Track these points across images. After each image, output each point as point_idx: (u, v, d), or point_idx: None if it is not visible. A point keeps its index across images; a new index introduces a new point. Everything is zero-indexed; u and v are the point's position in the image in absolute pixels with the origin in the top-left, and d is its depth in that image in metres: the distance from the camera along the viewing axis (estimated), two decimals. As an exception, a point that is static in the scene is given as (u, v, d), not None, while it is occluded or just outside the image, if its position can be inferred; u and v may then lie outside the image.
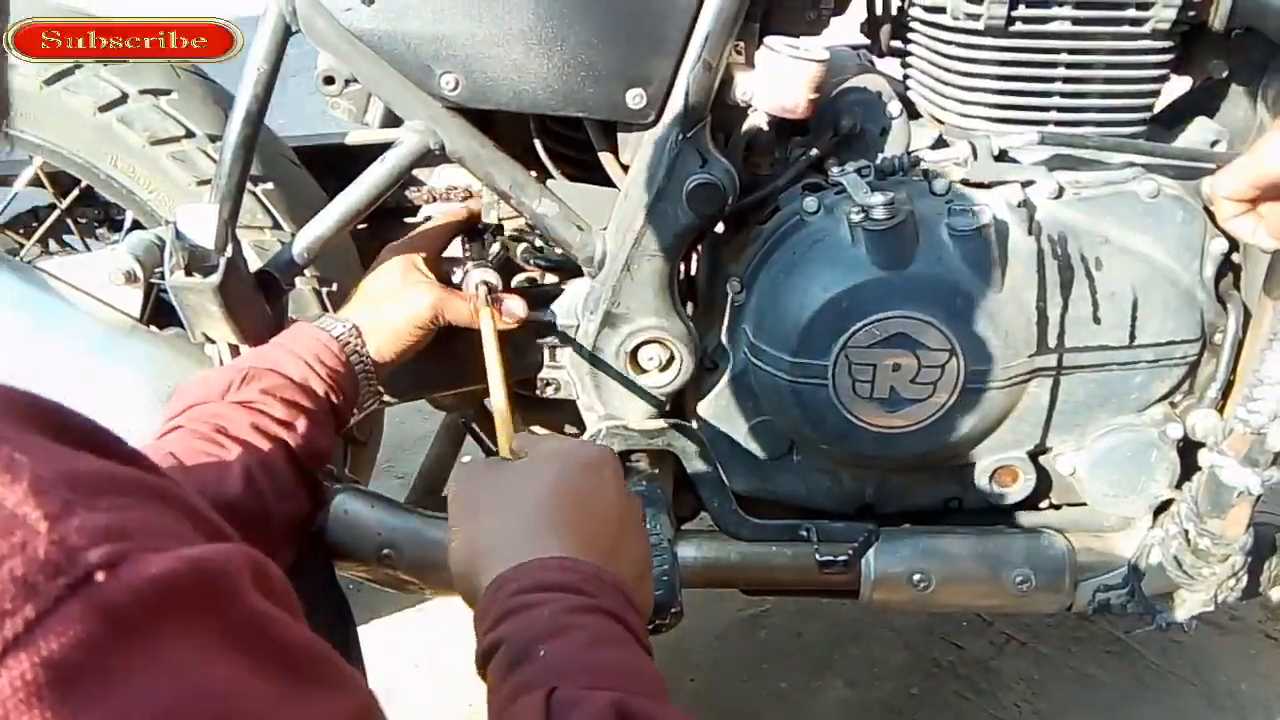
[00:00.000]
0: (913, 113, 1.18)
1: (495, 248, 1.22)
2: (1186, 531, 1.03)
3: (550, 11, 0.97)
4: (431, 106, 1.01)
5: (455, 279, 1.09)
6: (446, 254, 1.14)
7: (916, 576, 1.15)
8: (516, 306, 1.04)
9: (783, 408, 1.13)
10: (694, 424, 1.17)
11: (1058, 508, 1.21)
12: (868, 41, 1.24)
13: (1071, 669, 1.53)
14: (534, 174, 1.10)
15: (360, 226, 1.15)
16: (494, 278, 1.06)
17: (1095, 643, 1.55)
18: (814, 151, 1.11)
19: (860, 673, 1.53)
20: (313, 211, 1.08)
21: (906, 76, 1.20)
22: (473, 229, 1.17)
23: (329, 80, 1.04)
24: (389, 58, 0.99)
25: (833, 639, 1.56)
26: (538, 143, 1.09)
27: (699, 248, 1.21)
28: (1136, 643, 1.54)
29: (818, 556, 1.14)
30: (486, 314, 0.99)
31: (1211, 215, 1.11)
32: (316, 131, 1.34)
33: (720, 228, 1.17)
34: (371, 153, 1.08)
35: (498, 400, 0.87)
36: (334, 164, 1.25)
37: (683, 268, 1.23)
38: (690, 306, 1.21)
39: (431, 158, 1.06)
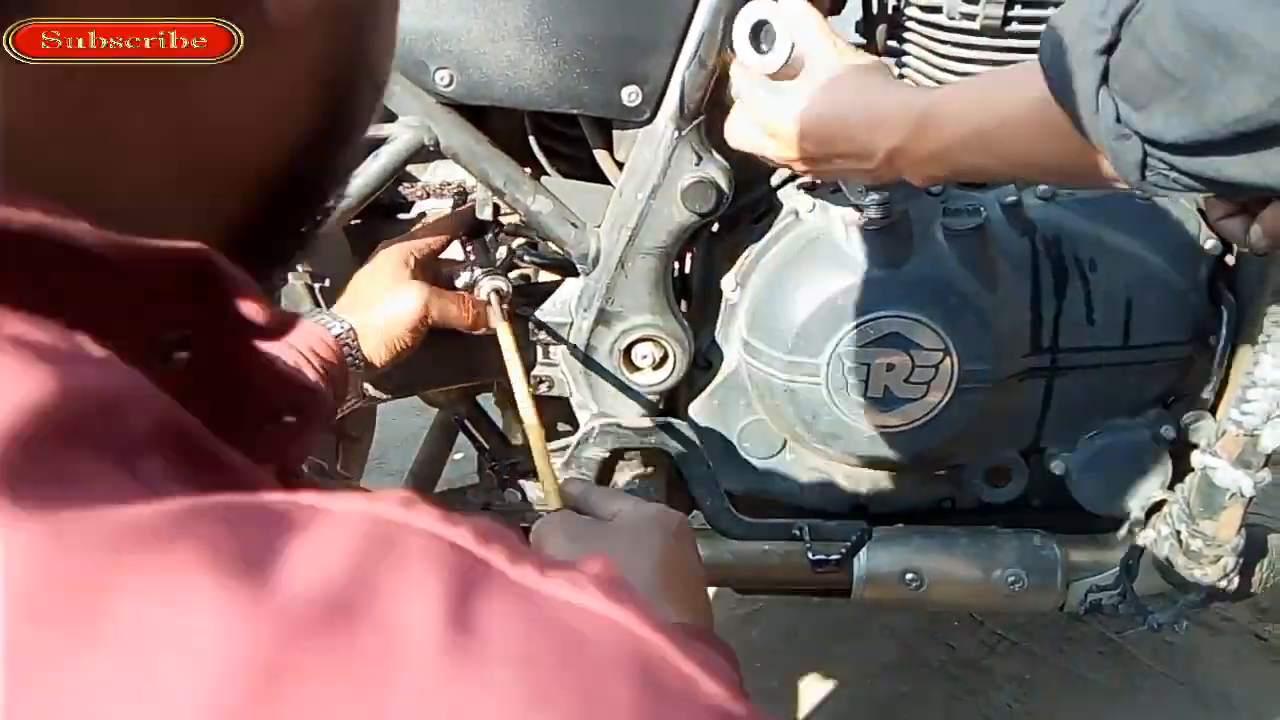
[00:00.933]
0: (908, 112, 1.17)
1: (501, 252, 1.21)
2: (1178, 533, 1.03)
3: (546, 8, 0.97)
4: (425, 102, 1.01)
5: (460, 283, 1.08)
6: (447, 255, 1.14)
7: (909, 576, 1.15)
8: None
9: (776, 407, 1.13)
10: (687, 423, 1.17)
11: (1051, 508, 1.21)
12: (864, 41, 1.24)
13: (1063, 669, 1.53)
14: (528, 170, 1.10)
15: (354, 222, 1.15)
16: (505, 285, 1.05)
17: (1087, 643, 1.56)
18: (809, 150, 1.11)
19: (852, 672, 1.54)
20: (306, 207, 1.07)
21: (903, 75, 1.19)
22: (473, 230, 1.16)
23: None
24: (383, 53, 0.98)
25: (825, 638, 1.56)
26: (532, 139, 1.08)
27: (694, 246, 1.20)
28: (1128, 643, 1.55)
29: (810, 555, 1.14)
30: (505, 329, 0.98)
31: (1205, 216, 1.11)
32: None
33: (715, 226, 1.17)
34: (365, 148, 1.08)
35: (529, 421, 0.87)
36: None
37: (677, 266, 1.23)
38: (685, 305, 1.21)
39: (425, 153, 1.06)
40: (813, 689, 1.52)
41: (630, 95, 1.01)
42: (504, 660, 0.24)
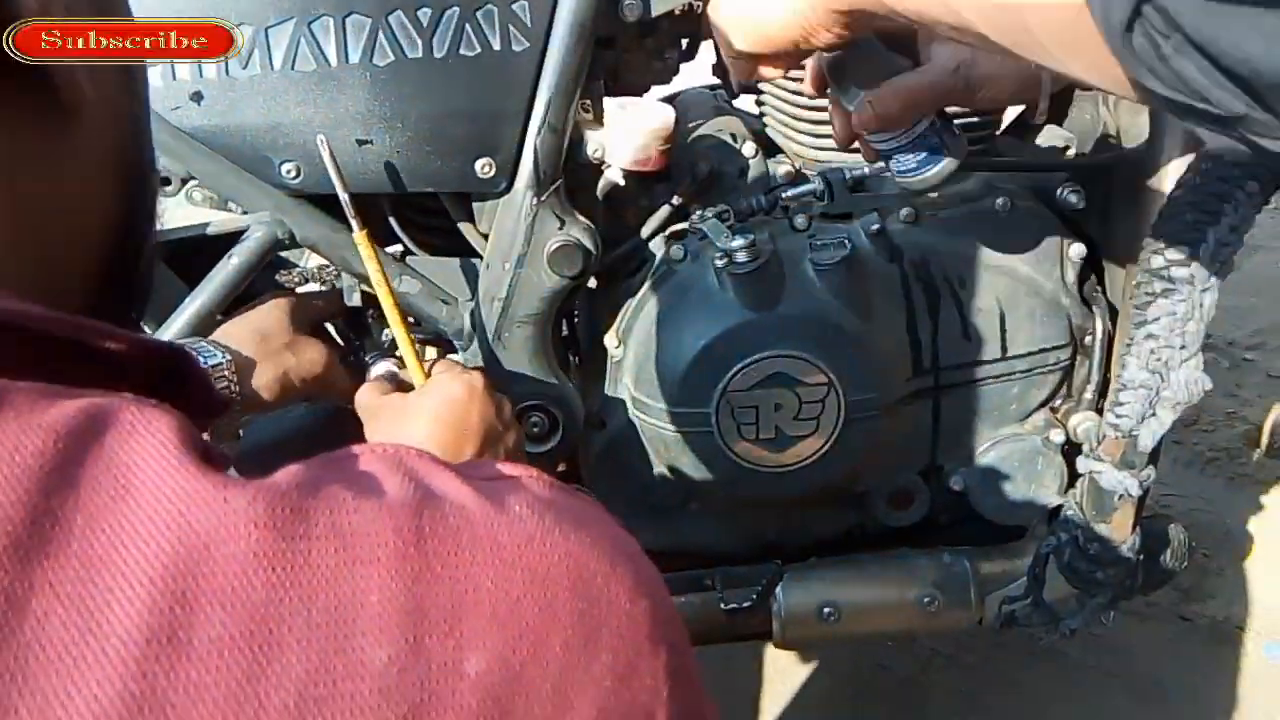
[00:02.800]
0: (772, 149, 1.19)
1: (387, 333, 1.18)
2: (1076, 538, 1.04)
3: (386, 90, 0.96)
4: (275, 196, 0.99)
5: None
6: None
7: (826, 609, 1.15)
8: None
9: (673, 458, 1.12)
10: (588, 484, 1.15)
11: (957, 524, 1.21)
12: (719, 81, 1.25)
13: (998, 676, 1.54)
14: (395, 250, 1.08)
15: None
16: (397, 366, 1.03)
17: (1018, 647, 1.56)
18: (675, 200, 1.11)
19: (790, 707, 1.52)
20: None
21: (761, 114, 1.21)
22: (351, 313, 1.14)
23: (165, 181, 1.01)
24: (225, 152, 0.97)
25: (758, 679, 1.54)
26: (392, 220, 1.07)
27: (576, 305, 1.20)
28: (1060, 643, 1.56)
29: (723, 605, 1.13)
30: (378, 274, 0.95)
31: (1067, 221, 1.13)
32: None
33: (594, 283, 1.17)
34: (236, 240, 1.04)
35: (393, 317, 0.93)
36: (200, 255, 1.21)
37: (565, 325, 1.22)
38: (578, 362, 1.20)
39: (287, 247, 1.04)
40: (754, 728, 1.50)
41: (484, 168, 1.00)
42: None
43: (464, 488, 0.30)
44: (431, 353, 1.13)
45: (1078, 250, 1.11)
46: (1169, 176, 1.02)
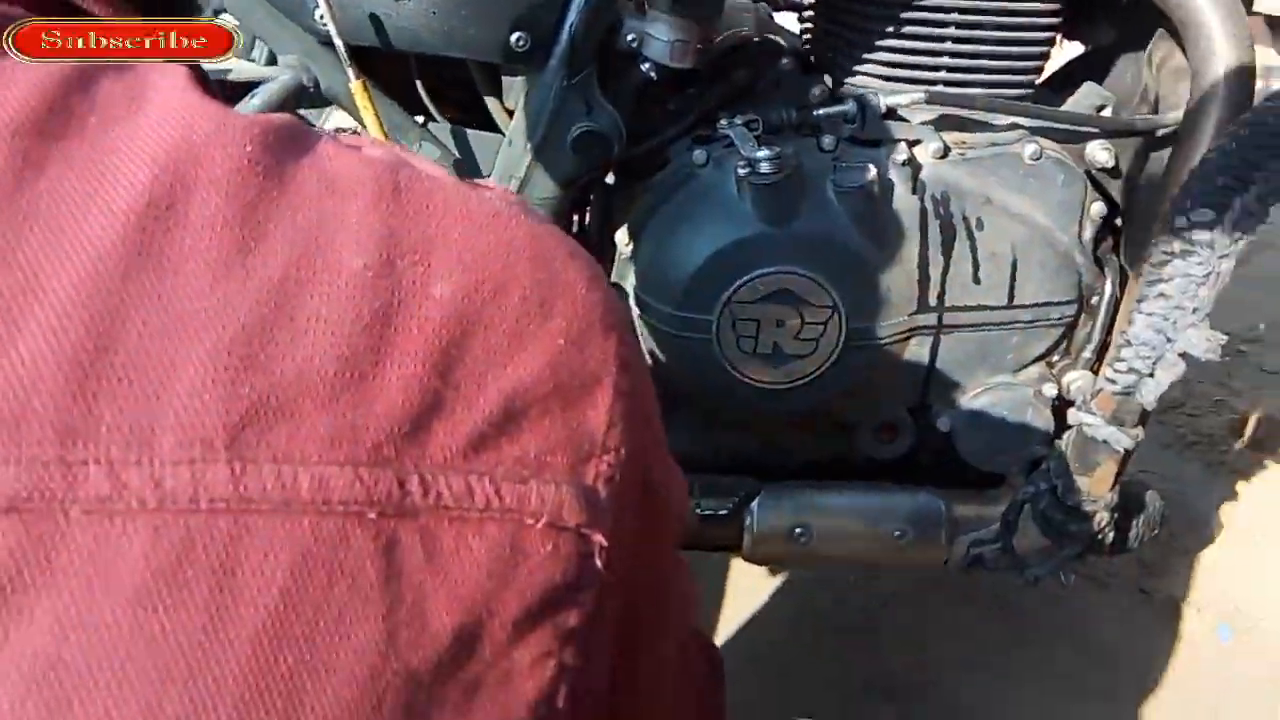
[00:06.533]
0: (807, 66, 1.17)
1: None
2: (1055, 488, 1.05)
3: (430, -53, 0.94)
4: (305, 41, 0.97)
5: None
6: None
7: (797, 530, 1.16)
8: None
9: (667, 361, 1.12)
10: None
11: (939, 464, 1.22)
12: (764, -6, 1.23)
13: (955, 625, 1.57)
14: (418, 118, 1.07)
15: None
16: None
17: (979, 600, 1.59)
18: (705, 104, 1.10)
19: (740, 630, 1.54)
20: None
21: (803, 31, 1.19)
22: None
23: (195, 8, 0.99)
24: (259, -12, 0.95)
25: (711, 597, 1.56)
26: (419, 84, 1.06)
27: (591, 198, 1.19)
28: (1019, 599, 1.58)
29: (698, 510, 1.14)
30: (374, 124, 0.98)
31: (1093, 179, 1.13)
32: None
33: (611, 178, 1.16)
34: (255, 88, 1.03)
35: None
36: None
37: (576, 220, 1.22)
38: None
39: (311, 97, 1.02)
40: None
41: (519, 41, 0.98)
42: None
43: (441, 169, 0.33)
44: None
45: (1099, 208, 1.11)
46: (1203, 149, 1.01)
